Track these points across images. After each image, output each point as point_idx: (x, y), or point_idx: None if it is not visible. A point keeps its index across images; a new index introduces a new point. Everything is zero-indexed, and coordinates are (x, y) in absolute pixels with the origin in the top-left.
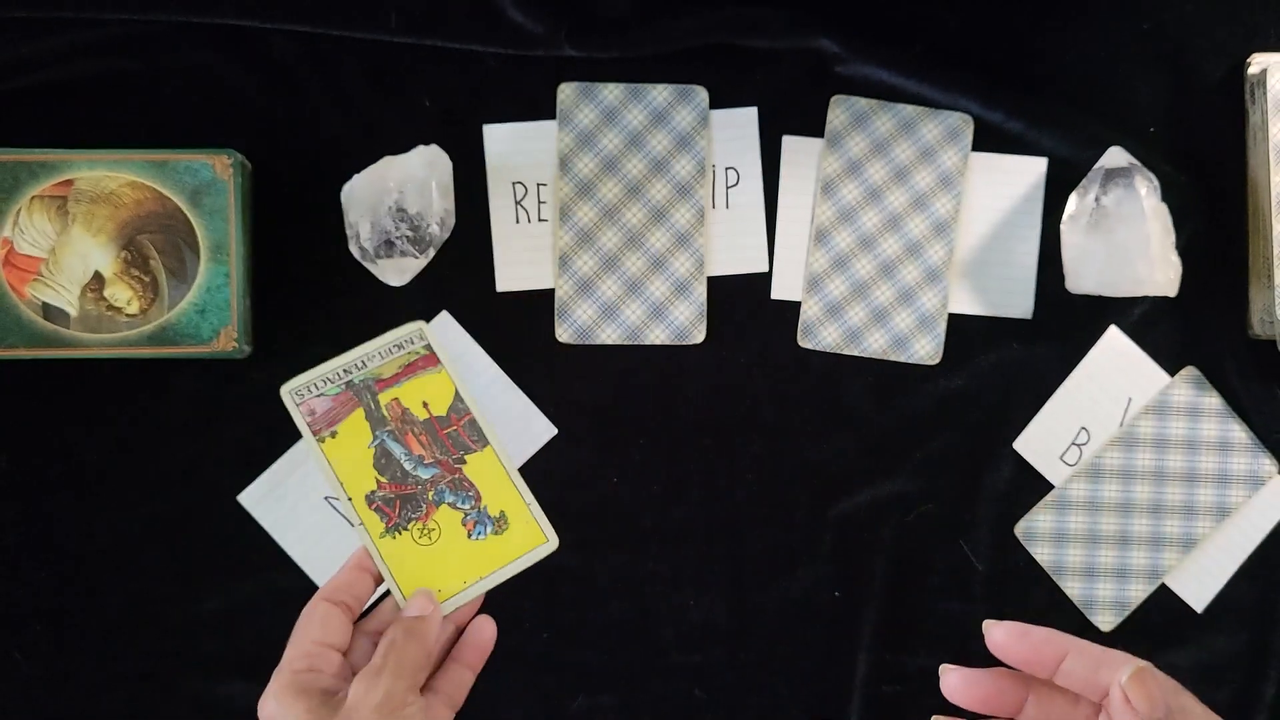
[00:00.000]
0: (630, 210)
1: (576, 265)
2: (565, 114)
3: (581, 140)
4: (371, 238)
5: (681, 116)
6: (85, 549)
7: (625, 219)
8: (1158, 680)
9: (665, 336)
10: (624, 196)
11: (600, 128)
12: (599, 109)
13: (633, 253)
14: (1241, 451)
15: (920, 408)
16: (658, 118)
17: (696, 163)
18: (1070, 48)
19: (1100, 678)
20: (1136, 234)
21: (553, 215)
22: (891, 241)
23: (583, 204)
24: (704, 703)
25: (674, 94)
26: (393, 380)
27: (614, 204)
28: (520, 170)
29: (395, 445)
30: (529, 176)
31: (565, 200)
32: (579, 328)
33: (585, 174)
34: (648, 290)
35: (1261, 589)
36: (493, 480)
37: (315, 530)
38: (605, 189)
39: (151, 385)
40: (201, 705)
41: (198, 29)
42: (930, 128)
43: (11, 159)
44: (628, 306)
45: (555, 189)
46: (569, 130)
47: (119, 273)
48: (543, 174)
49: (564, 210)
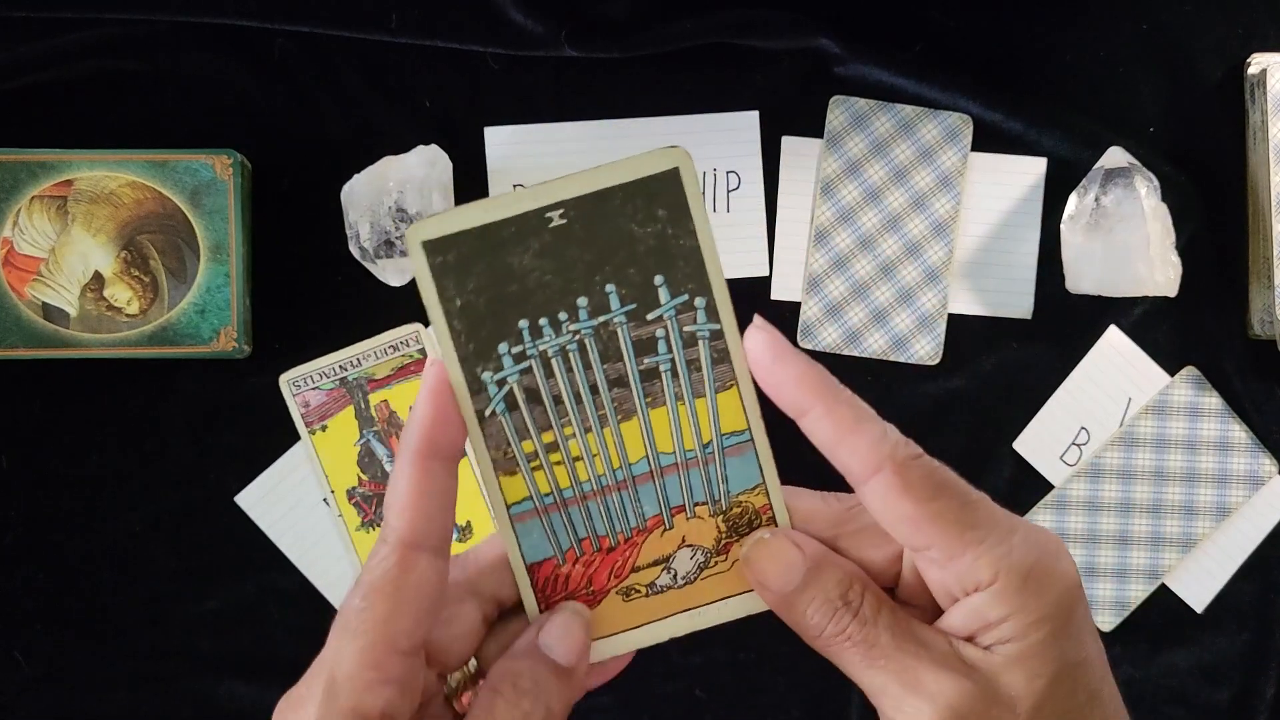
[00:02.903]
0: (886, 241)
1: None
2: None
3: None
4: (371, 238)
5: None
6: (85, 549)
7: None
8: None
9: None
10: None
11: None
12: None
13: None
14: (1241, 451)
15: (920, 408)
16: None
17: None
18: (1070, 48)
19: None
20: (1136, 234)
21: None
22: (891, 242)
23: (841, 230)
24: (704, 703)
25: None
26: (385, 381)
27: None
28: (521, 173)
29: (379, 446)
30: (530, 179)
31: (823, 225)
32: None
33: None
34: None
35: (1261, 589)
36: (466, 491)
37: (313, 532)
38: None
39: (151, 385)
40: (201, 705)
41: (198, 29)
42: (929, 128)
43: (11, 159)
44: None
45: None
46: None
47: (119, 273)
48: (543, 176)
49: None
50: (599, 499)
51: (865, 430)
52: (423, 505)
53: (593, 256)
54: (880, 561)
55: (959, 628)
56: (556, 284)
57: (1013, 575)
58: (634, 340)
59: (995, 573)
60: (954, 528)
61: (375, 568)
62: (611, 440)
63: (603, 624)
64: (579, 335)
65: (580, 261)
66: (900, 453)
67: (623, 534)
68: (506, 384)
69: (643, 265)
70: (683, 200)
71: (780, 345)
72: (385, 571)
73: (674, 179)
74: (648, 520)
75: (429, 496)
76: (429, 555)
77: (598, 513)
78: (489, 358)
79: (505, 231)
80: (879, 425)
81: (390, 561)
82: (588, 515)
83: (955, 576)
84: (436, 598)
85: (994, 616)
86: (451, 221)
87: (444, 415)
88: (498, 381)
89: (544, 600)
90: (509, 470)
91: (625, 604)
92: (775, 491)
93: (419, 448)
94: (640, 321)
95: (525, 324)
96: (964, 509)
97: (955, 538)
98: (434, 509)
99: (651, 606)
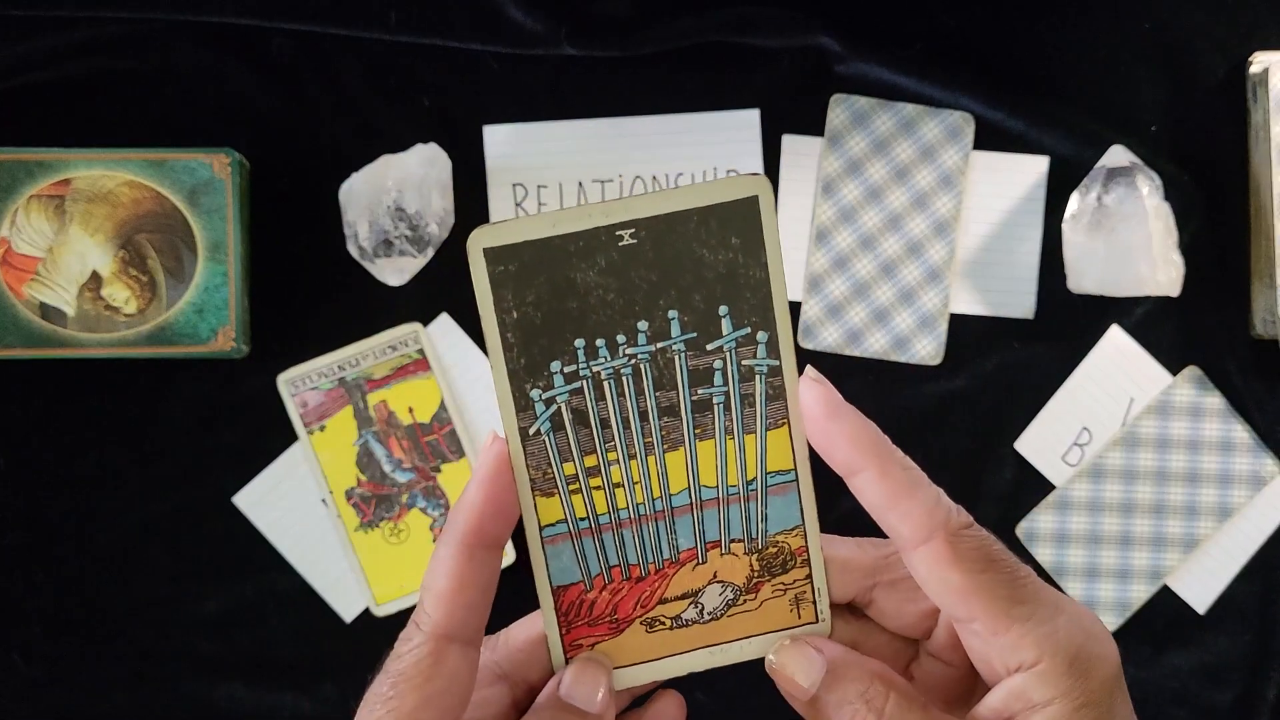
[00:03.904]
0: (887, 241)
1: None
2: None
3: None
4: (370, 237)
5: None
6: (84, 549)
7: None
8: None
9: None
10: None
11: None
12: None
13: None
14: (1244, 452)
15: (921, 408)
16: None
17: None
18: (1072, 46)
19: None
20: (1138, 233)
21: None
22: (892, 241)
23: (842, 230)
24: (705, 706)
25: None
26: (383, 382)
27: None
28: (520, 172)
29: (378, 446)
30: (529, 179)
31: (824, 224)
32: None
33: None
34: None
35: (1264, 590)
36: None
37: (312, 532)
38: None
39: (149, 385)
40: (200, 706)
41: (196, 28)
42: (931, 127)
43: (9, 158)
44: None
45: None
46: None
47: (117, 272)
48: (543, 176)
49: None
50: (634, 527)
51: (919, 496)
52: (463, 598)
53: (659, 279)
54: (914, 615)
55: (999, 708)
56: (619, 304)
57: (1059, 657)
58: (690, 369)
59: (1040, 653)
60: (1001, 603)
61: (406, 656)
62: (655, 469)
63: (622, 654)
64: (635, 360)
65: (645, 283)
66: (953, 522)
67: (654, 565)
68: (555, 403)
69: (709, 293)
70: (758, 230)
71: (834, 401)
72: (416, 662)
73: (752, 207)
74: (681, 553)
75: (471, 589)
76: (461, 646)
77: (631, 541)
78: (540, 375)
79: (572, 245)
80: (932, 491)
81: (423, 652)
82: (621, 543)
83: (998, 651)
84: (466, 691)
85: (1039, 699)
86: (517, 230)
87: (499, 504)
88: (546, 400)
89: (565, 624)
90: (546, 492)
91: (647, 635)
92: (814, 535)
93: (466, 537)
94: (699, 351)
95: (581, 343)
96: (1012, 584)
97: (1001, 613)
98: (475, 600)
99: (674, 640)
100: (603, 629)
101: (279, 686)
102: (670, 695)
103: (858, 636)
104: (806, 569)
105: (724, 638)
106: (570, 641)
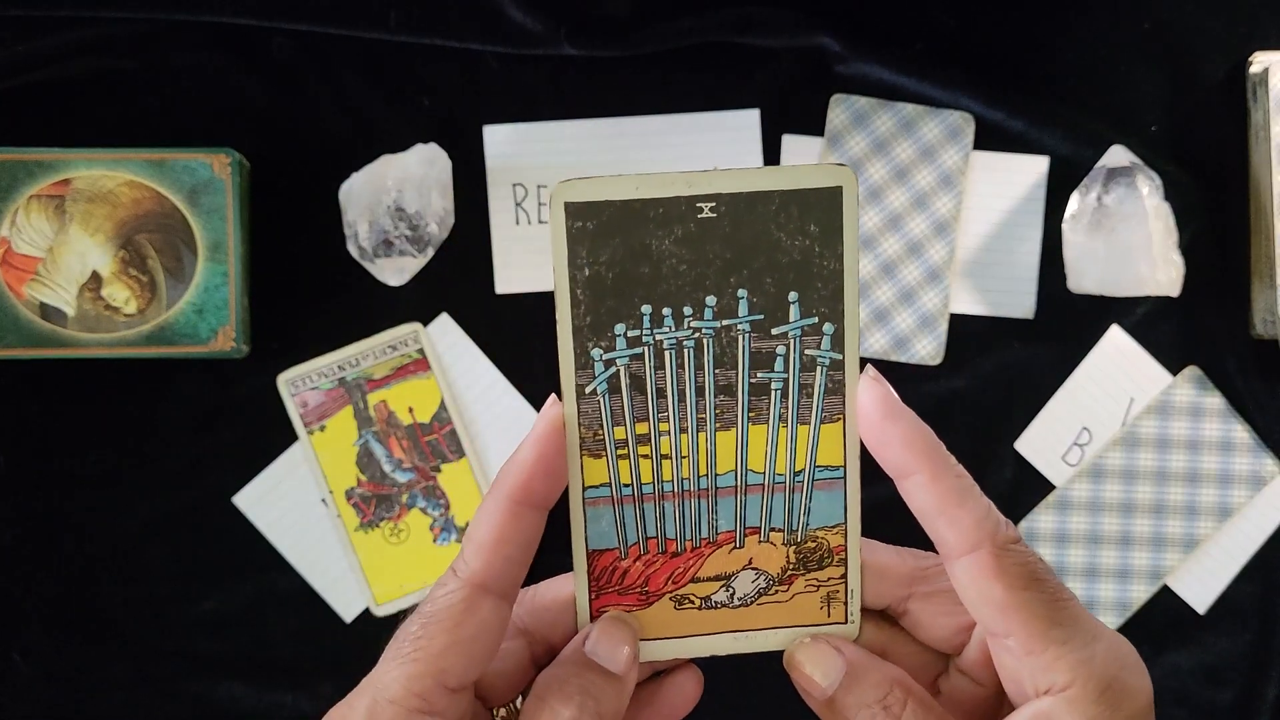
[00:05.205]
0: (887, 241)
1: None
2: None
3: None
4: (370, 237)
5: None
6: (83, 549)
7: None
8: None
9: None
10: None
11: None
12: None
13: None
14: (1244, 452)
15: (921, 408)
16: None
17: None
18: (1071, 46)
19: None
20: (1138, 233)
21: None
22: (892, 241)
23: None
24: (704, 704)
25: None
26: (383, 382)
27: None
28: (520, 172)
29: (378, 446)
30: (529, 178)
31: None
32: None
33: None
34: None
35: (1263, 590)
36: (464, 492)
37: (311, 532)
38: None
39: (149, 385)
40: (200, 706)
41: (196, 28)
42: (931, 127)
43: (9, 158)
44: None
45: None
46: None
47: (117, 272)
48: (543, 176)
49: None
50: (676, 502)
51: (969, 506)
52: (503, 551)
53: (733, 256)
54: (948, 629)
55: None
56: (690, 276)
57: (1091, 684)
58: (753, 351)
59: (1073, 678)
60: (1040, 622)
61: (440, 599)
62: (704, 447)
63: (648, 627)
64: (699, 333)
65: (719, 258)
66: (1000, 535)
67: (691, 542)
68: (614, 365)
69: (781, 277)
70: (838, 222)
71: (892, 402)
72: (450, 606)
73: (835, 198)
74: (719, 534)
75: (512, 544)
76: (495, 599)
77: (672, 515)
78: (604, 335)
79: (652, 211)
80: (983, 502)
81: (456, 597)
82: (661, 515)
83: (1030, 671)
84: (494, 642)
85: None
86: (601, 189)
87: (549, 464)
88: (606, 361)
89: (595, 589)
90: (595, 453)
91: (676, 612)
92: (854, 536)
93: (513, 493)
94: (764, 334)
95: (648, 309)
96: (1053, 605)
97: (1039, 633)
98: (514, 555)
99: (701, 620)
100: (632, 599)
101: (279, 686)
102: (689, 669)
103: (888, 644)
104: (842, 569)
105: (751, 625)
106: (598, 607)
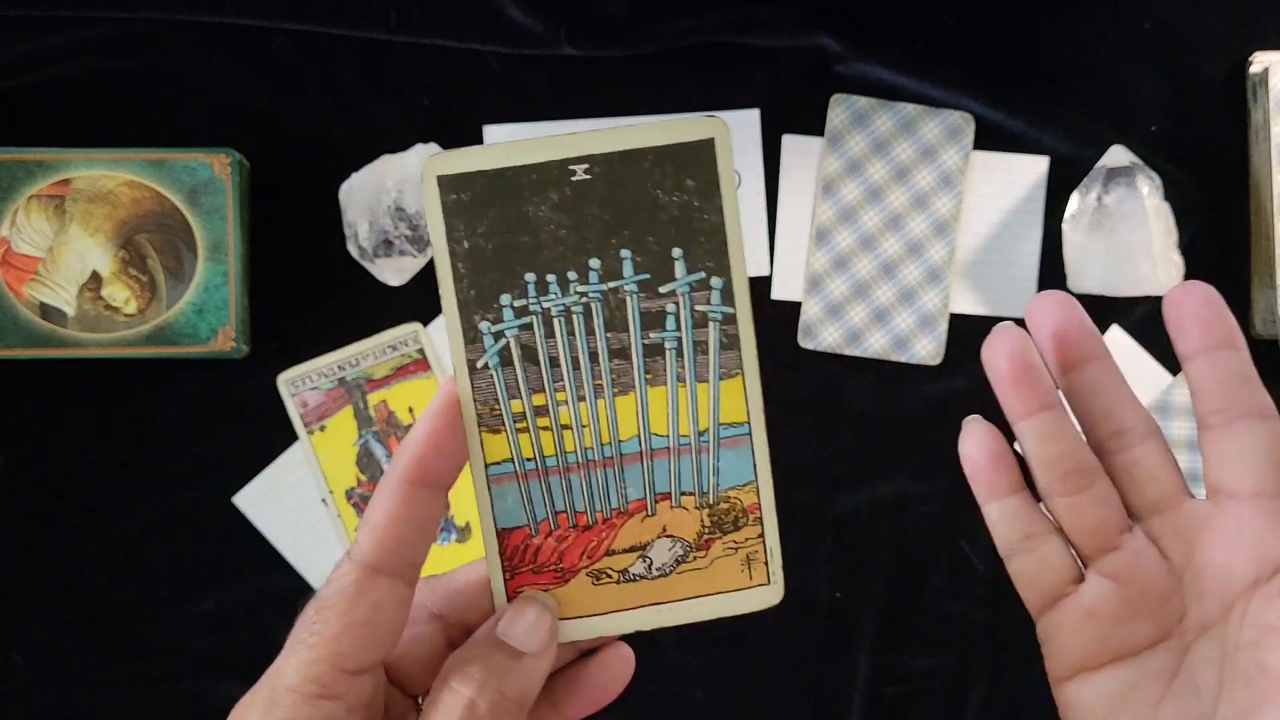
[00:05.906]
0: (887, 241)
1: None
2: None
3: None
4: (370, 237)
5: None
6: (82, 549)
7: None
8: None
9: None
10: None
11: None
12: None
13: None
14: None
15: (922, 408)
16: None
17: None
18: (1071, 46)
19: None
20: (1138, 233)
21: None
22: (892, 241)
23: (842, 230)
24: (704, 704)
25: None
26: (383, 382)
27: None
28: None
29: (378, 446)
30: None
31: (824, 224)
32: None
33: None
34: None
35: None
36: (463, 491)
37: (311, 532)
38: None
39: (149, 385)
40: (199, 706)
41: (196, 28)
42: (931, 127)
43: (9, 158)
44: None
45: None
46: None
47: (117, 272)
48: None
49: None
50: (582, 472)
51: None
52: (395, 531)
53: (612, 217)
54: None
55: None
56: (571, 240)
57: None
58: (643, 312)
59: None
60: None
61: (333, 583)
62: (604, 413)
63: (567, 605)
64: (586, 298)
65: (598, 221)
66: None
67: (601, 513)
68: (504, 337)
69: (663, 235)
70: (714, 174)
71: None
72: (342, 589)
73: (708, 150)
74: (630, 503)
75: (405, 524)
76: (389, 580)
77: (579, 487)
78: (489, 307)
79: (525, 178)
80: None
81: (348, 580)
82: (568, 488)
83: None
84: (392, 624)
85: None
86: (471, 159)
87: (443, 444)
88: (495, 334)
89: (509, 569)
90: (493, 428)
91: (594, 588)
92: (767, 492)
93: (408, 473)
94: (652, 293)
95: (532, 277)
96: None
97: None
98: (408, 535)
99: (621, 594)
100: (547, 577)
101: None
102: (616, 647)
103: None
104: (759, 528)
105: (672, 596)
106: (513, 587)
